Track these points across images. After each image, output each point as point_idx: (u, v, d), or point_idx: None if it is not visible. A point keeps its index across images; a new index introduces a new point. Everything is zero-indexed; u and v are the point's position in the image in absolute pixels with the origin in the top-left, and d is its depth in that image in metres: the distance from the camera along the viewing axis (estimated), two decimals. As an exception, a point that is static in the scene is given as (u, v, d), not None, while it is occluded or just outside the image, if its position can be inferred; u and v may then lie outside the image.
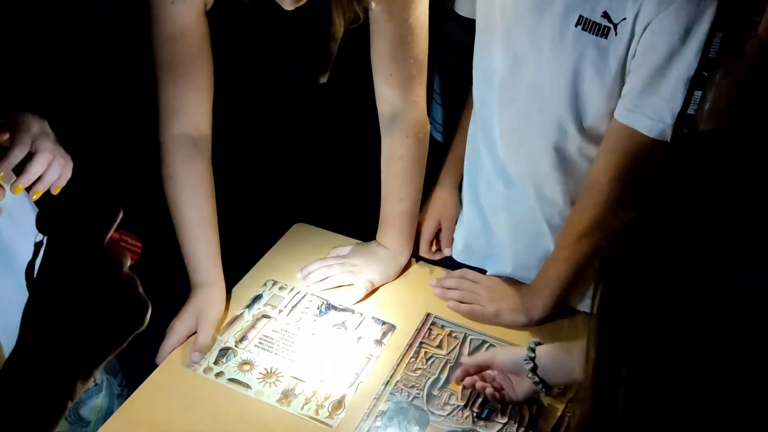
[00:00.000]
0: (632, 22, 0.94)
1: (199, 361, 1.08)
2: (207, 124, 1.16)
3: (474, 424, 1.02)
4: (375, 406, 1.03)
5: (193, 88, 1.12)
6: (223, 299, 1.15)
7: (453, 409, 1.04)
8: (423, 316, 1.19)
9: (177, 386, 1.04)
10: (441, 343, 1.14)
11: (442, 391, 1.06)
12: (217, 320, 1.12)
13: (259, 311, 1.17)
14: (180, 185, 1.14)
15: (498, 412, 1.03)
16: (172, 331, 1.10)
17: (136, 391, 1.03)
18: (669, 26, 0.92)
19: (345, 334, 1.14)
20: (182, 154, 1.13)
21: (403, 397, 1.05)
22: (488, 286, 1.22)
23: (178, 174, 1.13)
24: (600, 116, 1.05)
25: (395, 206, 1.24)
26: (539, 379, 0.98)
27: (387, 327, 1.16)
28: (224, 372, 1.07)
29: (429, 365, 1.10)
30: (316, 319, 1.17)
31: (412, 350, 1.13)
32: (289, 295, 1.21)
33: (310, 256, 1.27)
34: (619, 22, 0.95)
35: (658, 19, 0.92)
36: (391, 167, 1.23)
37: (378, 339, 1.14)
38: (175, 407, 1.01)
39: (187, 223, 1.14)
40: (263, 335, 1.13)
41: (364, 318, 1.18)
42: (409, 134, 1.20)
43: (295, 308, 1.18)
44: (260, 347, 1.11)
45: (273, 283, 1.23)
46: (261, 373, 1.07)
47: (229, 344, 1.11)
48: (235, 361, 1.09)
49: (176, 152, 1.13)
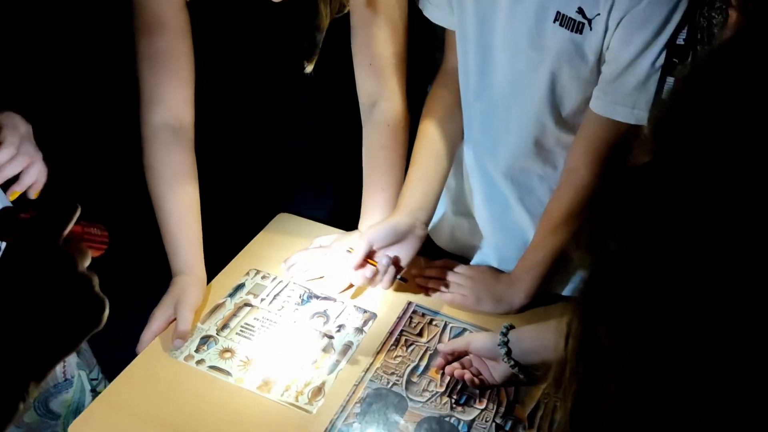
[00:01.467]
0: (606, 18, 0.95)
1: (180, 347, 1.09)
2: (188, 114, 1.17)
3: (452, 410, 1.03)
4: (354, 392, 1.04)
5: (172, 78, 1.13)
6: (201, 285, 1.16)
7: (432, 395, 1.05)
8: (404, 305, 1.20)
9: (157, 373, 1.05)
10: (421, 331, 1.15)
11: (421, 377, 1.07)
12: (195, 305, 1.13)
13: (241, 300, 1.18)
14: (159, 175, 1.15)
15: (476, 398, 1.04)
16: (152, 319, 1.11)
17: (117, 378, 1.04)
18: (642, 20, 0.93)
19: (326, 322, 1.15)
20: (161, 144, 1.14)
21: (382, 383, 1.06)
22: (469, 275, 1.23)
23: (158, 163, 1.15)
24: (578, 107, 1.06)
25: (377, 196, 1.24)
26: (515, 363, 1.00)
27: (368, 315, 1.17)
28: (205, 359, 1.08)
29: (409, 353, 1.11)
30: (297, 308, 1.18)
31: (392, 338, 1.14)
32: (271, 284, 1.21)
33: (293, 246, 1.28)
34: (594, 17, 0.96)
35: (631, 14, 0.93)
36: (372, 157, 1.23)
37: (359, 327, 1.15)
38: (155, 394, 1.02)
39: (166, 212, 1.15)
40: (245, 323, 1.14)
41: (346, 306, 1.19)
42: (389, 123, 1.20)
43: (278, 297, 1.19)
44: (241, 335, 1.12)
45: (255, 273, 1.24)
46: (242, 360, 1.08)
47: (211, 332, 1.12)
48: (216, 348, 1.09)
49: (155, 142, 1.14)
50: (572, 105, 1.06)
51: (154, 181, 1.15)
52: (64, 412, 1.03)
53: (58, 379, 1.01)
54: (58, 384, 1.01)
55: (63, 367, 1.02)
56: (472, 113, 1.18)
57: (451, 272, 1.24)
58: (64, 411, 1.03)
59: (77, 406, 1.04)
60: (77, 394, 1.04)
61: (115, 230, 0.88)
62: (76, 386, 1.05)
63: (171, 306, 1.12)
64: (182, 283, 1.14)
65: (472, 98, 1.15)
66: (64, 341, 0.56)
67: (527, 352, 0.99)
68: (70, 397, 1.03)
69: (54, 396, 1.02)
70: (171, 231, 1.16)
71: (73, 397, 1.04)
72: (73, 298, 0.55)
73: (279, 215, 1.36)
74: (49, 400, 1.03)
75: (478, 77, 1.12)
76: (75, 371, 1.05)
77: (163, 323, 1.11)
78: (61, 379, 1.02)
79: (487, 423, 1.01)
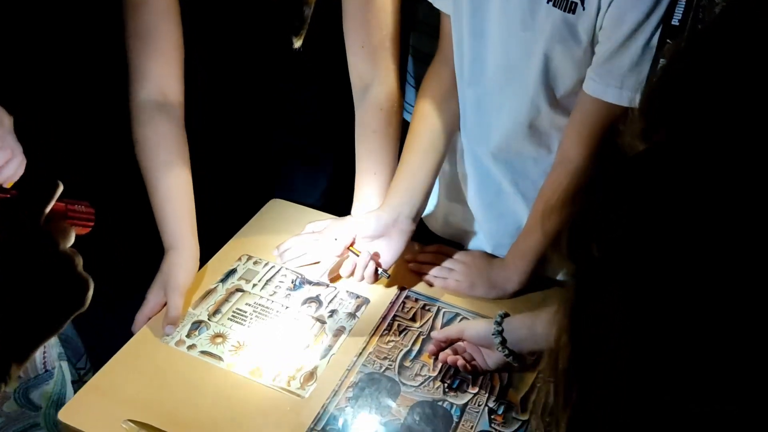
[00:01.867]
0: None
1: (172, 333, 1.08)
2: (175, 90, 1.16)
3: (445, 395, 1.02)
4: (347, 377, 1.04)
5: (158, 54, 1.13)
6: (192, 262, 1.14)
7: (424, 380, 1.04)
8: (397, 290, 1.19)
9: (148, 359, 1.04)
10: (414, 316, 1.15)
11: (414, 362, 1.07)
12: (184, 287, 1.11)
13: (233, 285, 1.17)
14: (146, 149, 1.14)
15: (469, 383, 1.04)
16: (145, 301, 1.10)
17: (107, 363, 1.03)
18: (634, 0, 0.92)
19: (319, 307, 1.15)
20: (147, 119, 1.14)
21: (375, 368, 1.05)
22: (463, 261, 1.22)
23: (144, 138, 1.14)
24: (572, 89, 1.05)
25: (370, 181, 1.23)
26: (509, 351, 0.99)
27: (361, 300, 1.17)
28: (196, 345, 1.07)
29: (402, 337, 1.11)
30: (290, 293, 1.17)
31: (385, 323, 1.13)
32: (263, 270, 1.21)
33: (285, 232, 1.27)
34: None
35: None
36: (365, 142, 1.22)
37: (351, 312, 1.14)
38: (145, 380, 1.01)
39: (154, 187, 1.14)
40: (236, 309, 1.13)
41: (338, 292, 1.18)
42: (383, 107, 1.19)
43: (270, 282, 1.18)
44: (233, 320, 1.11)
45: (247, 258, 1.23)
46: (233, 345, 1.07)
47: (202, 317, 1.11)
48: (207, 333, 1.09)
49: (141, 117, 1.14)
50: (566, 86, 1.05)
51: (142, 156, 1.14)
52: (45, 404, 1.01)
53: (39, 371, 1.00)
54: (38, 375, 1.00)
55: (43, 358, 1.00)
56: (466, 99, 1.16)
57: (444, 257, 1.23)
58: (44, 403, 1.01)
59: (58, 398, 1.02)
60: (58, 385, 1.02)
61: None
62: (57, 378, 1.03)
63: (161, 288, 1.11)
64: (170, 262, 1.13)
65: (466, 84, 1.14)
66: (47, 322, 0.54)
67: (522, 340, 0.98)
68: (51, 389, 1.02)
69: (34, 387, 1.01)
70: (160, 205, 1.15)
71: (54, 389, 1.02)
72: (54, 278, 0.54)
73: (271, 201, 1.35)
74: (30, 391, 1.01)
75: (472, 62, 1.11)
76: (56, 362, 1.03)
77: (154, 306, 1.11)
78: (42, 370, 1.00)
79: (479, 407, 1.01)
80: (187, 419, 0.96)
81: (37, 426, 1.01)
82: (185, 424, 0.95)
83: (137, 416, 0.95)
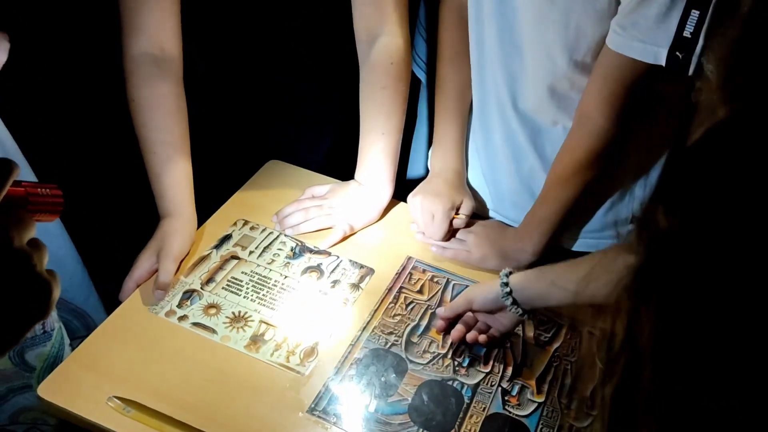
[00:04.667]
0: None
1: (162, 299, 1.00)
2: (173, 43, 1.07)
3: (455, 373, 0.95)
4: (350, 353, 0.97)
5: (154, 5, 1.04)
6: (189, 231, 1.07)
7: (433, 357, 0.97)
8: (404, 260, 1.11)
9: (135, 330, 0.97)
10: (422, 288, 1.07)
11: (421, 338, 1.00)
12: (179, 255, 1.04)
13: (227, 252, 1.09)
14: (141, 108, 1.05)
15: (481, 360, 0.97)
16: (134, 266, 1.03)
17: (92, 333, 0.96)
18: None
19: (320, 277, 1.07)
20: (142, 76, 1.05)
21: (380, 344, 0.98)
22: (474, 231, 1.15)
23: (140, 96, 1.05)
24: (596, 46, 0.97)
25: (377, 141, 1.15)
26: (522, 311, 0.94)
27: (365, 271, 1.09)
28: (188, 315, 0.99)
29: (409, 311, 1.03)
30: (289, 262, 1.09)
31: (391, 295, 1.05)
32: (260, 236, 1.13)
33: (284, 195, 1.19)
34: None
35: None
36: (372, 99, 1.13)
37: (355, 283, 1.07)
38: (133, 354, 0.94)
39: (149, 148, 1.06)
40: (232, 277, 1.05)
41: (341, 261, 1.10)
42: (393, 61, 1.10)
43: (267, 250, 1.10)
44: (228, 290, 1.03)
45: (244, 223, 1.15)
46: (228, 317, 1.00)
47: (195, 286, 1.03)
48: (200, 304, 1.01)
49: (137, 73, 1.05)
50: (588, 42, 0.96)
51: (137, 114, 1.06)
52: (39, 365, 0.95)
53: (36, 332, 0.93)
54: (35, 336, 0.93)
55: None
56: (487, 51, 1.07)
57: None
58: (39, 364, 0.95)
59: (54, 361, 0.96)
60: (55, 348, 0.96)
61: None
62: (56, 340, 0.96)
63: (154, 253, 1.04)
64: (167, 227, 1.05)
65: (486, 40, 1.05)
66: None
67: (533, 297, 0.93)
68: (48, 351, 0.95)
69: (30, 348, 0.94)
70: (155, 170, 1.06)
71: (51, 351, 0.95)
72: (7, 281, 0.45)
73: (269, 162, 1.27)
74: (25, 351, 0.95)
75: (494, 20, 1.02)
76: (56, 324, 0.96)
77: (145, 272, 1.03)
78: (40, 331, 0.93)
79: (492, 387, 0.94)
80: (178, 397, 0.89)
81: (29, 387, 0.95)
82: (176, 402, 0.88)
83: (124, 393, 0.88)
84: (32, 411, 0.97)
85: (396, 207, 1.21)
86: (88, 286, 1.13)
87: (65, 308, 1.08)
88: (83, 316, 1.11)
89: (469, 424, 0.90)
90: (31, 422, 0.98)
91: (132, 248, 1.06)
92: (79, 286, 1.10)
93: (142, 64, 1.05)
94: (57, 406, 0.87)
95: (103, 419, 0.86)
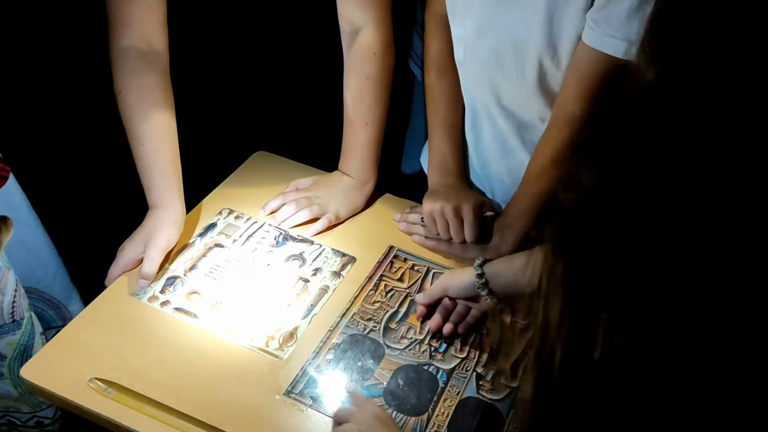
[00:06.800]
0: None
1: (145, 288, 1.02)
2: (158, 37, 1.08)
3: (431, 358, 0.97)
4: (329, 338, 0.98)
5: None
6: (177, 222, 1.08)
7: (410, 342, 0.99)
8: (385, 249, 1.13)
9: (118, 315, 0.99)
10: (402, 276, 1.09)
11: (400, 324, 1.01)
12: (166, 246, 1.05)
13: (212, 240, 1.11)
14: (128, 100, 1.07)
15: (457, 347, 0.99)
16: (121, 253, 1.05)
17: (75, 318, 0.98)
18: None
19: (302, 265, 1.09)
20: (129, 68, 1.06)
21: (358, 329, 1.00)
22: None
23: (126, 88, 1.07)
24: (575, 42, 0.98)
25: (360, 131, 1.17)
26: (498, 299, 0.96)
27: (347, 259, 1.11)
28: (170, 301, 1.01)
29: (388, 298, 1.05)
30: (272, 250, 1.11)
31: (371, 283, 1.07)
32: (244, 225, 1.14)
33: (269, 186, 1.20)
34: None
35: None
36: (355, 89, 1.15)
37: (336, 271, 1.08)
38: (116, 337, 0.96)
39: (137, 140, 1.07)
40: (214, 264, 1.07)
41: (323, 249, 1.12)
42: (376, 51, 1.12)
43: (251, 238, 1.12)
44: (210, 276, 1.05)
45: (228, 212, 1.16)
46: (209, 302, 1.01)
47: (178, 273, 1.05)
48: (182, 290, 1.03)
49: (123, 65, 1.07)
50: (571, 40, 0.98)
51: (124, 106, 1.07)
52: (10, 353, 0.96)
53: (5, 320, 0.94)
54: (5, 325, 0.94)
55: (12, 308, 0.94)
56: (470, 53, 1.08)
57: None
58: (10, 353, 0.96)
59: (24, 349, 0.97)
60: (25, 337, 0.97)
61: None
62: (25, 329, 0.97)
63: (141, 243, 1.05)
64: (156, 218, 1.07)
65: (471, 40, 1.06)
66: None
67: (507, 285, 0.95)
68: (17, 339, 0.96)
69: None
70: (143, 161, 1.08)
71: (21, 340, 0.96)
72: None
73: (256, 153, 1.29)
74: None
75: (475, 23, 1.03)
76: (26, 313, 0.98)
77: (131, 260, 1.04)
78: (9, 320, 0.94)
79: (467, 372, 0.96)
80: (159, 379, 0.91)
81: (1, 376, 0.96)
82: (156, 384, 0.90)
83: (105, 375, 0.90)
84: (4, 399, 0.98)
85: (380, 197, 1.23)
86: (62, 276, 1.13)
87: (39, 298, 1.09)
88: (58, 306, 1.12)
89: (443, 408, 0.91)
90: (4, 410, 0.99)
91: (108, 238, 1.07)
92: (53, 277, 1.11)
93: (129, 57, 1.06)
94: (39, 386, 0.89)
95: (85, 400, 0.88)
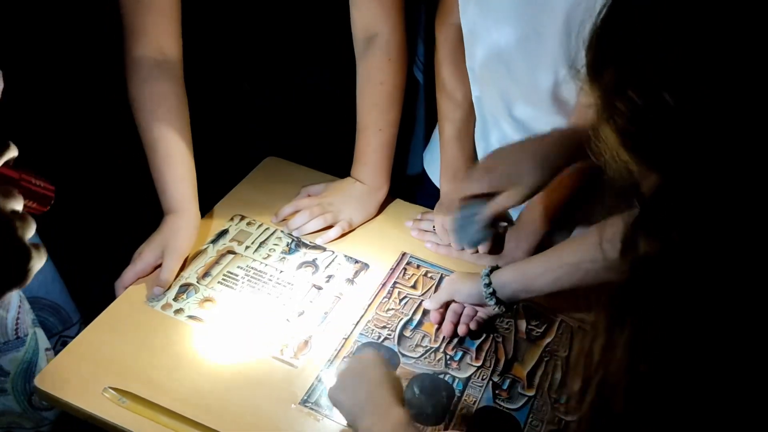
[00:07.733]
0: None
1: (160, 295, 1.01)
2: (173, 46, 1.08)
3: (447, 367, 0.96)
4: (343, 346, 0.98)
5: (154, 9, 1.06)
6: (193, 228, 1.08)
7: (425, 351, 0.98)
8: (398, 255, 1.12)
9: (132, 323, 0.98)
10: (416, 284, 1.08)
11: (414, 332, 1.01)
12: (184, 251, 1.05)
13: (224, 247, 1.11)
14: (142, 107, 1.07)
15: (472, 355, 0.98)
16: (138, 257, 1.04)
17: (88, 327, 0.97)
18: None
19: (315, 272, 1.08)
20: (144, 76, 1.07)
21: (373, 337, 0.99)
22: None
23: (140, 96, 1.07)
24: None
25: (374, 137, 1.16)
26: (506, 308, 0.97)
27: (360, 266, 1.10)
28: (184, 309, 1.00)
29: (402, 305, 1.04)
30: (285, 257, 1.10)
31: (385, 290, 1.07)
32: (257, 231, 1.14)
33: (280, 192, 1.20)
34: None
35: None
36: (369, 95, 1.14)
37: (350, 278, 1.08)
38: (129, 345, 0.95)
39: (151, 146, 1.07)
40: (228, 272, 1.07)
41: (336, 256, 1.11)
42: (391, 57, 1.11)
43: (264, 245, 1.12)
44: (223, 284, 1.05)
45: (240, 218, 1.16)
46: (223, 310, 1.01)
47: (191, 280, 1.05)
48: (195, 297, 1.02)
49: (137, 74, 1.07)
50: None
51: (138, 113, 1.08)
52: (14, 370, 0.95)
53: (10, 337, 0.93)
54: (8, 342, 0.93)
55: (15, 324, 0.94)
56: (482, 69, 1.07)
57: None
58: (13, 369, 0.95)
59: (28, 366, 0.96)
60: (29, 353, 0.96)
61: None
62: (29, 345, 0.96)
63: (159, 248, 1.05)
64: (173, 224, 1.06)
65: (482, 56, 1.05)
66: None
67: (516, 292, 0.95)
68: (21, 356, 0.95)
69: (4, 353, 0.94)
70: (158, 167, 1.08)
71: (24, 356, 0.95)
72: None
73: (267, 159, 1.28)
74: None
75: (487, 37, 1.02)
76: (30, 329, 0.97)
77: (148, 266, 1.04)
78: (13, 336, 0.93)
79: (483, 381, 0.95)
80: (173, 388, 0.90)
81: (5, 392, 0.95)
82: (170, 393, 0.89)
83: (120, 384, 0.89)
84: (7, 415, 0.97)
85: (392, 203, 1.22)
86: (58, 280, 1.13)
87: (40, 305, 1.08)
88: (58, 311, 1.12)
89: (460, 417, 0.90)
90: (6, 427, 0.98)
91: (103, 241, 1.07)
92: (52, 282, 1.11)
93: (143, 65, 1.07)
94: (53, 396, 0.89)
95: (99, 410, 0.87)
